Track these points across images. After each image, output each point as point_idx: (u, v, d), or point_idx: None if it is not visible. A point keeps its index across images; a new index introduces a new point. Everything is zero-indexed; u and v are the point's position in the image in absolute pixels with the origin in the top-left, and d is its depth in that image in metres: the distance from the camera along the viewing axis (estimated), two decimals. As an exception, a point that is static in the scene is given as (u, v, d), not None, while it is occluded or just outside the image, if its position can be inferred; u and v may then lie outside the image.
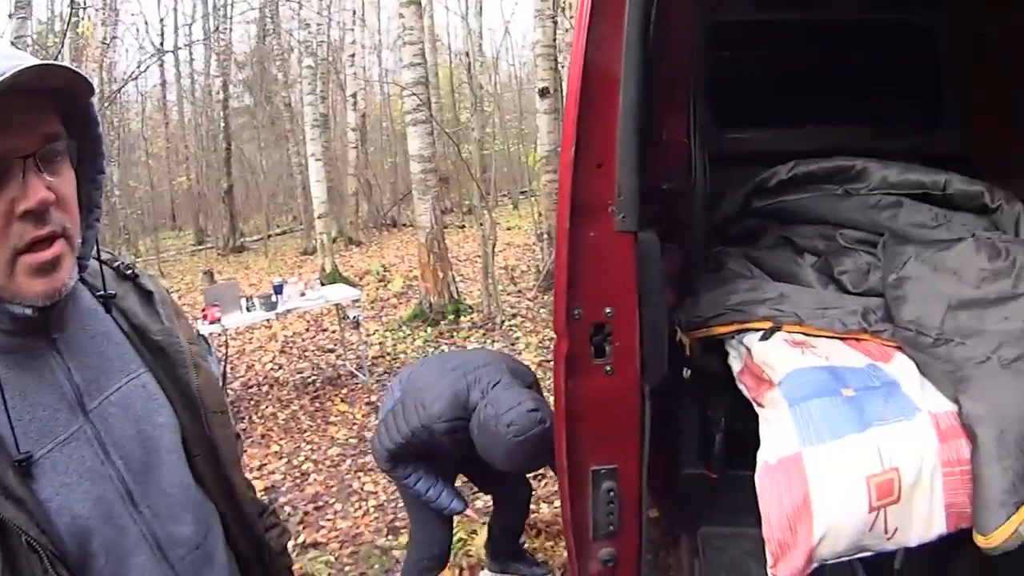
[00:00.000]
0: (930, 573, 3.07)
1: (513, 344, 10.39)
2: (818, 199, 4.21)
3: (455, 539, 4.88)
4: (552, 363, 3.05)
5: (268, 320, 9.69)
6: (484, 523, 5.31)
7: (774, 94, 5.57)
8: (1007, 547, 2.25)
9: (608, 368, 2.66)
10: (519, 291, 13.39)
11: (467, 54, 23.60)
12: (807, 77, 5.70)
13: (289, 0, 21.35)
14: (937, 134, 6.22)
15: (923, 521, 2.41)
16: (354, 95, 23.19)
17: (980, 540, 2.29)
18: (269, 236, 24.87)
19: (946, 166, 4.44)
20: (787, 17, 5.55)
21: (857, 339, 3.14)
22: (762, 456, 2.51)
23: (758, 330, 3.19)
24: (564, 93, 7.57)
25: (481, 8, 25.72)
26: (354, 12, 24.10)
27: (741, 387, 3.06)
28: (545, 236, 12.79)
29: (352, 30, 23.77)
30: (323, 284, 10.57)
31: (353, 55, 23.52)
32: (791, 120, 5.65)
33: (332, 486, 6.96)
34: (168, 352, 1.59)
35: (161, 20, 26.17)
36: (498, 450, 3.73)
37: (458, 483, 4.52)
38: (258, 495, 2.13)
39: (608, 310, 2.61)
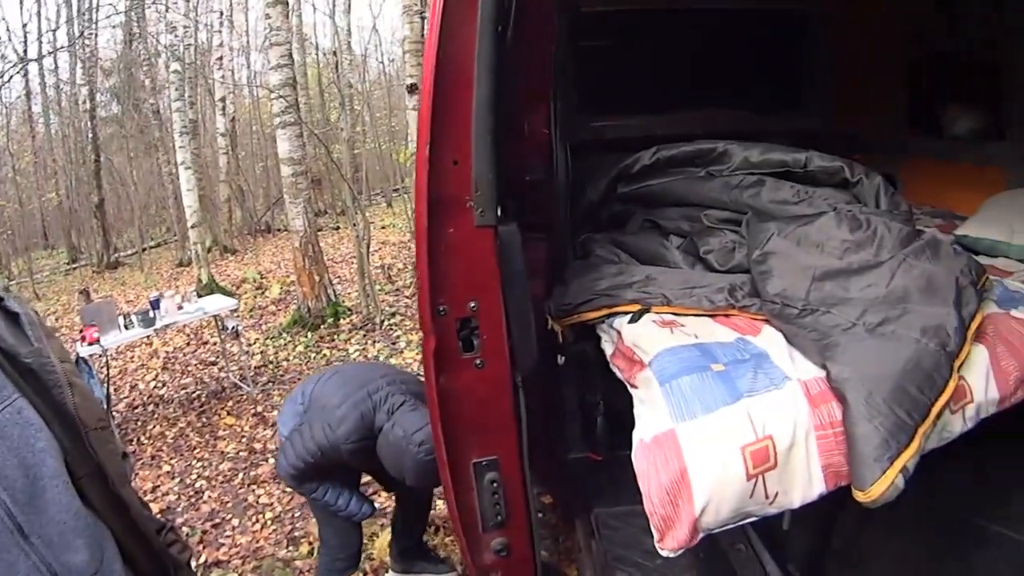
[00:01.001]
0: (820, 529, 3.16)
1: (394, 343, 10.35)
2: (682, 182, 4.29)
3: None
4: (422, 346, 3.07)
5: (148, 337, 9.59)
6: (384, 524, 5.31)
7: (641, 81, 5.66)
8: (886, 499, 2.34)
9: (478, 362, 2.67)
10: (397, 289, 13.35)
11: (335, 53, 23.37)
12: (674, 64, 5.81)
13: (155, 2, 20.85)
14: (802, 115, 6.43)
15: (802, 483, 2.49)
16: (223, 99, 22.68)
17: (859, 495, 2.36)
18: (144, 249, 24.26)
19: (813, 143, 4.58)
20: (651, 6, 5.64)
21: (726, 315, 3.22)
22: (637, 435, 2.55)
23: (627, 313, 3.24)
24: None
25: (349, 5, 25.52)
26: (221, 13, 23.44)
27: (615, 370, 3.09)
28: (420, 233, 12.73)
29: (219, 32, 23.14)
30: (200, 295, 10.35)
31: (221, 58, 22.93)
32: (658, 106, 5.75)
33: (227, 502, 6.85)
34: (40, 374, 1.54)
35: (24, 26, 25.37)
36: (409, 468, 3.79)
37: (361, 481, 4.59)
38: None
39: (473, 304, 2.61)
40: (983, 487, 3.92)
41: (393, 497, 5.10)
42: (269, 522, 6.34)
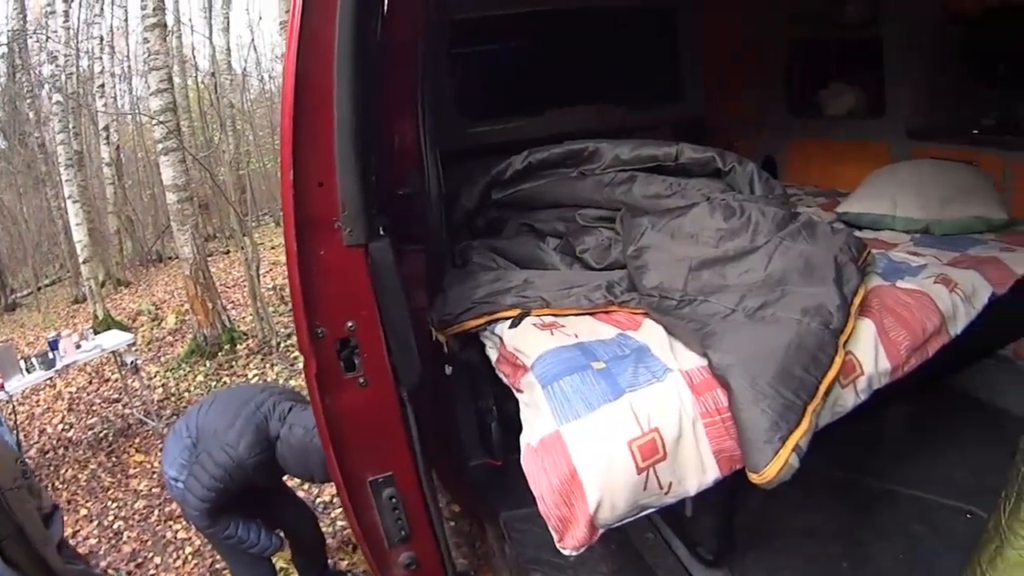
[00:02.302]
0: (723, 510, 3.20)
1: (292, 364, 10.19)
2: (555, 184, 4.36)
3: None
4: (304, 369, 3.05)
5: (51, 378, 9.37)
6: (283, 568, 5.24)
7: (516, 85, 5.69)
8: (781, 478, 2.38)
9: (361, 380, 2.65)
10: (290, 310, 12.81)
11: (213, 74, 22.98)
12: (549, 65, 5.86)
13: (37, 32, 20.30)
14: (681, 105, 6.53)
15: (695, 471, 2.52)
16: (106, 128, 22.13)
17: (754, 477, 2.40)
18: (39, 288, 23.59)
19: (694, 133, 4.64)
20: (521, 9, 5.66)
21: (606, 312, 3.25)
22: (524, 439, 2.56)
23: (508, 319, 3.25)
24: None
25: (227, 24, 25.08)
26: (101, 39, 22.73)
27: (500, 375, 3.10)
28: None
29: (100, 59, 22.54)
30: (97, 332, 10.07)
31: (103, 85, 22.28)
32: (535, 108, 5.79)
33: (147, 540, 6.74)
34: None
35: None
36: (317, 462, 3.74)
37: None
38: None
39: (350, 324, 2.59)
40: (885, 453, 4.02)
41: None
42: (190, 557, 6.27)
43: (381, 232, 2.73)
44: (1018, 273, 3.52)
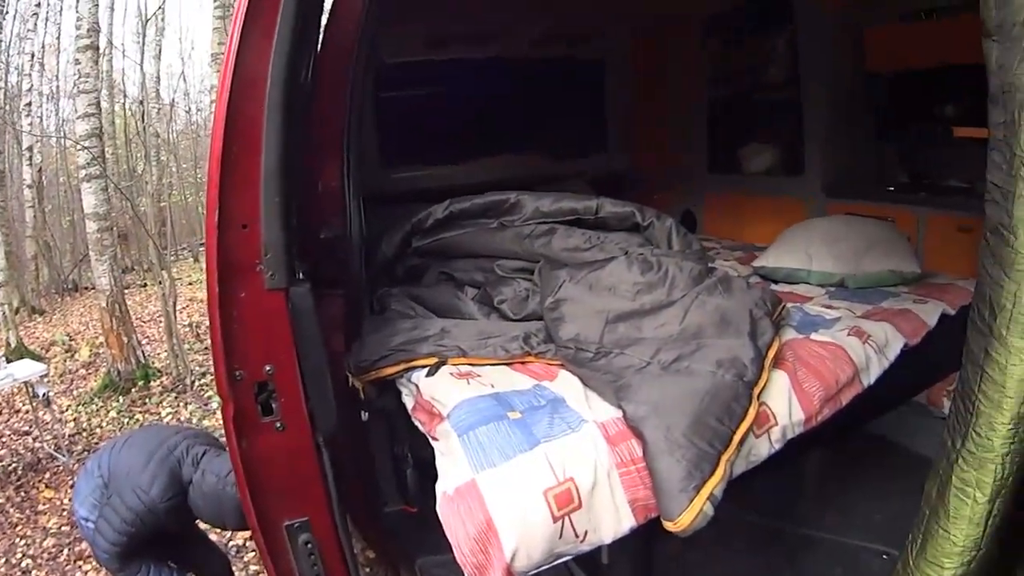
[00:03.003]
0: (640, 557, 3.22)
1: (206, 404, 9.97)
2: (475, 234, 4.37)
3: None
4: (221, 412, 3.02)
5: (-38, 408, 8.99)
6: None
7: (442, 131, 5.74)
8: (696, 526, 2.40)
9: (278, 425, 2.63)
10: (206, 348, 12.55)
11: (141, 102, 22.60)
12: (476, 113, 5.93)
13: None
14: (604, 158, 6.64)
15: (611, 519, 2.54)
16: (30, 148, 21.72)
17: (669, 525, 2.42)
18: (-46, 312, 23.06)
19: (616, 184, 4.71)
20: (452, 56, 5.72)
21: (522, 362, 3.28)
22: (440, 487, 2.55)
23: (424, 367, 3.25)
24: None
25: (160, 52, 24.70)
26: (33, 56, 22.32)
27: (416, 423, 3.09)
28: (227, 288, 12.31)
29: (30, 75, 22.10)
30: (9, 360, 9.83)
31: (30, 103, 21.90)
32: (460, 156, 5.85)
33: (57, 580, 6.52)
34: None
35: None
36: (229, 509, 3.69)
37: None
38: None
39: (269, 368, 2.57)
40: (805, 499, 4.11)
41: None
42: (101, 598, 6.03)
43: (301, 276, 2.72)
44: (930, 324, 3.67)
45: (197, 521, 4.16)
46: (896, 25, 5.25)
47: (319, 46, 3.56)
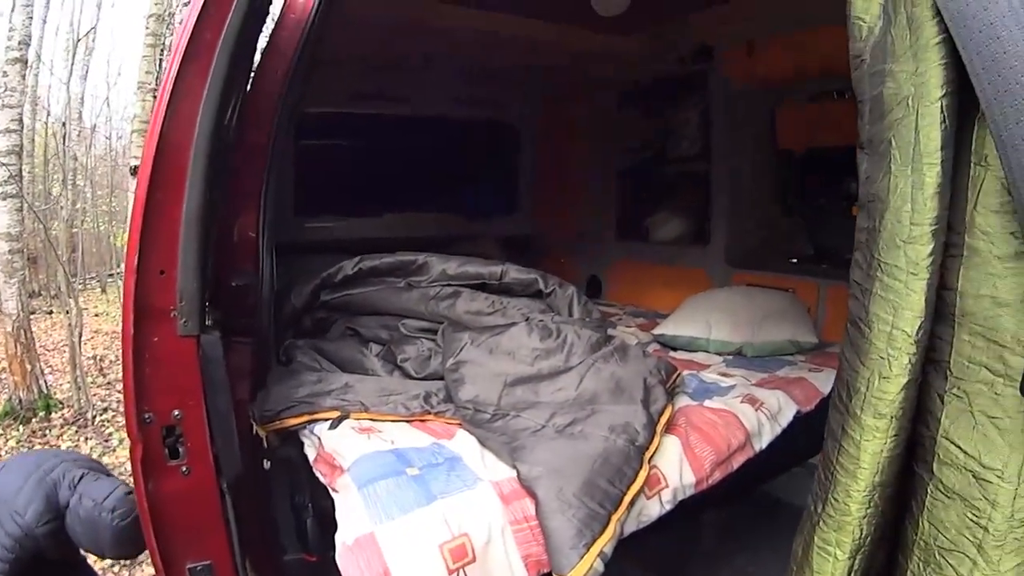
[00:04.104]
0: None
1: (107, 440, 9.77)
2: (382, 292, 4.45)
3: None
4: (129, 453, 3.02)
5: None
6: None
7: (358, 184, 5.81)
8: None
9: (184, 469, 2.66)
10: (108, 382, 12.38)
11: (64, 124, 22.06)
12: (392, 168, 6.01)
13: None
14: (513, 220, 6.75)
15: (504, 573, 2.61)
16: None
17: None
18: None
19: (525, 246, 4.80)
20: (373, 110, 5.80)
21: (422, 420, 3.34)
22: (339, 538, 2.59)
23: (327, 420, 3.30)
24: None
25: (87, 72, 24.14)
26: None
27: (318, 474, 3.13)
28: (133, 323, 11.90)
29: None
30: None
31: None
32: (374, 209, 5.92)
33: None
34: None
35: None
36: (108, 538, 3.57)
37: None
38: None
39: (177, 413, 2.61)
40: (702, 556, 4.22)
41: None
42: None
43: (211, 324, 2.78)
44: (824, 392, 3.81)
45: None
46: (805, 105, 5.48)
47: (246, 92, 3.62)
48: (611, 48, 6.01)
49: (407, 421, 3.33)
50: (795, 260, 5.69)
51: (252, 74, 3.72)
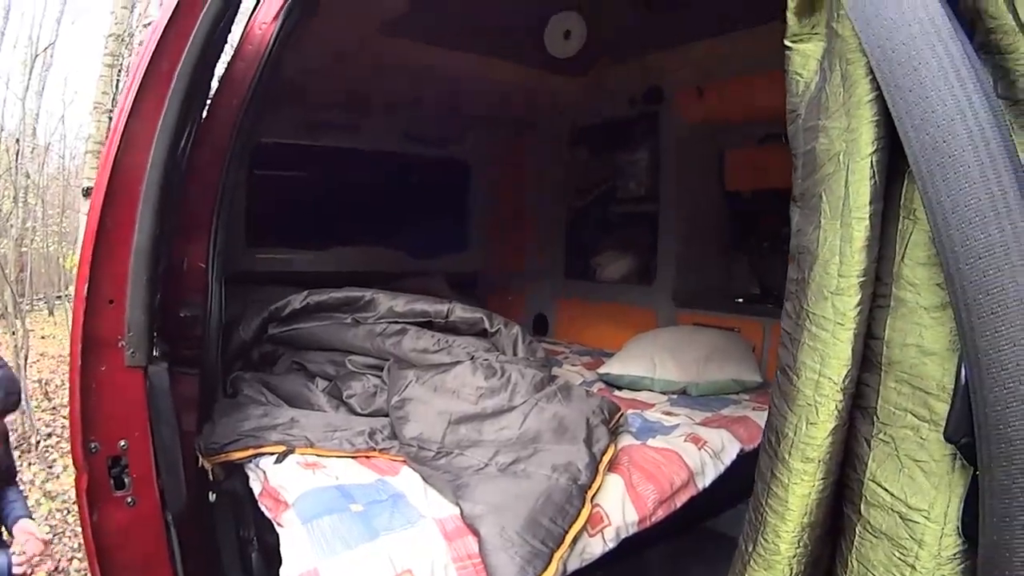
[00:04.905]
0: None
1: (51, 467, 9.58)
2: (330, 327, 4.46)
3: None
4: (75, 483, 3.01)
5: None
6: None
7: (309, 216, 5.82)
8: None
9: (129, 500, 2.67)
10: (54, 407, 12.02)
11: (18, 140, 21.73)
12: (343, 201, 6.04)
13: None
14: (462, 257, 6.80)
15: (444, 610, 2.62)
16: None
17: None
18: None
19: (472, 283, 4.82)
20: (328, 143, 5.83)
21: (367, 456, 3.36)
22: (284, 573, 2.58)
23: (273, 454, 3.29)
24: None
25: (44, 88, 23.78)
26: None
27: (263, 508, 3.12)
28: (80, 348, 11.64)
29: None
30: None
31: None
32: (323, 242, 5.94)
33: None
34: None
35: None
36: None
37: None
38: None
39: (123, 443, 2.62)
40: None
41: None
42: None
43: (158, 354, 2.79)
44: (767, 430, 3.84)
45: None
46: (754, 148, 5.55)
47: (201, 121, 3.62)
48: (563, 88, 6.13)
49: (352, 457, 3.34)
50: (740, 299, 5.74)
51: (208, 103, 3.72)
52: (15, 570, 3.30)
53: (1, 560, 3.47)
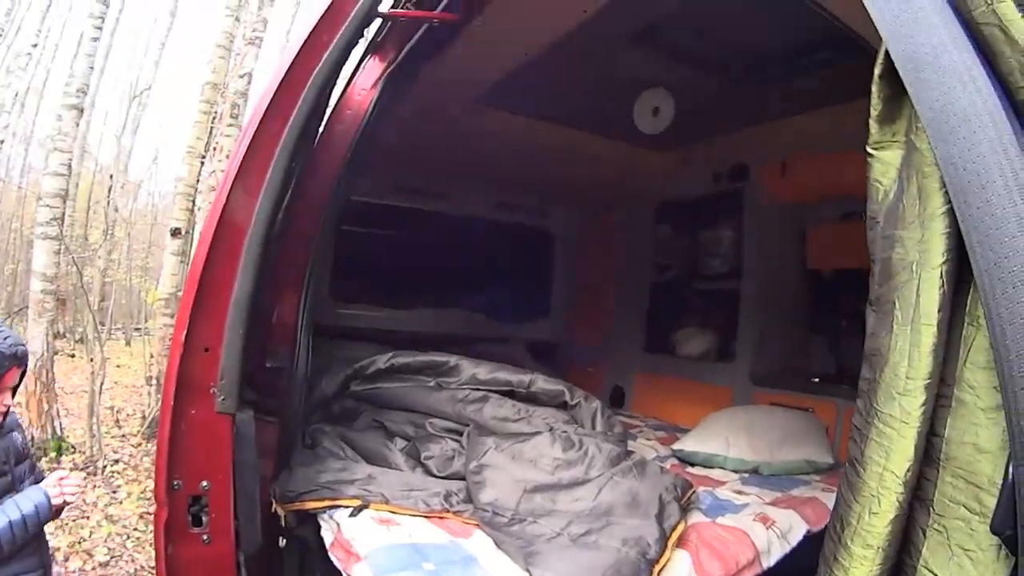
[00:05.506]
0: None
1: (115, 492, 9.48)
2: (412, 389, 4.54)
3: None
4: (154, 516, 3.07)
5: None
6: None
7: (393, 276, 5.91)
8: None
9: (205, 537, 2.74)
10: (123, 435, 12.24)
11: (112, 176, 22.11)
12: (428, 262, 6.12)
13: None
14: (542, 325, 6.83)
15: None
16: (-9, 186, 21.12)
17: None
18: None
19: (551, 352, 4.84)
20: (415, 205, 5.93)
21: (441, 517, 3.37)
22: (353, 623, 2.64)
23: (348, 507, 3.33)
24: (196, 237, 7.35)
25: (138, 127, 24.27)
26: (17, 94, 21.36)
27: (333, 559, 3.15)
28: (154, 380, 11.87)
29: (9, 113, 21.10)
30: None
31: (3, 141, 21.25)
32: (407, 302, 6.03)
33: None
34: None
35: None
36: None
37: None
38: None
39: (205, 483, 2.70)
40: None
41: None
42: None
43: (246, 402, 2.87)
44: (837, 511, 3.81)
45: None
46: (836, 225, 5.54)
47: (301, 181, 3.70)
48: (649, 163, 6.19)
49: (426, 517, 3.37)
50: (817, 379, 5.69)
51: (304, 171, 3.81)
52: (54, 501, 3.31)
53: (40, 496, 3.53)
